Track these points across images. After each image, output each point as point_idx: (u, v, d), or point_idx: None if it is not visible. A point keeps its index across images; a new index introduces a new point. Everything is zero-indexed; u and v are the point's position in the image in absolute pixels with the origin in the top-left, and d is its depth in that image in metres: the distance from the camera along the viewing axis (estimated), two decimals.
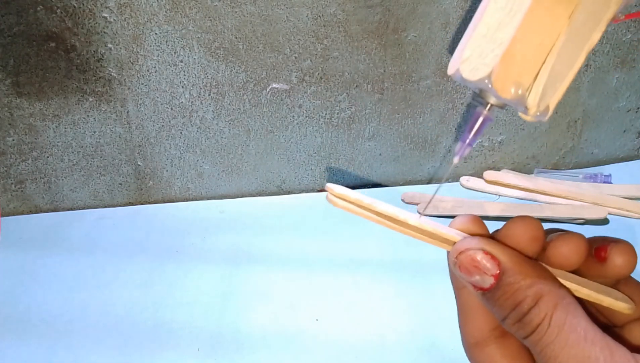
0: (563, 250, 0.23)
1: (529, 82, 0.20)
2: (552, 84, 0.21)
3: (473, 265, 0.23)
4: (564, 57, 0.21)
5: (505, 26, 0.20)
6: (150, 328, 0.42)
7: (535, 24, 0.20)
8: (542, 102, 0.21)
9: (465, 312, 0.25)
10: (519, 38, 0.20)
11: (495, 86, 0.20)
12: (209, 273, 0.47)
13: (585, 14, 0.20)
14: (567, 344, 0.20)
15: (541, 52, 0.20)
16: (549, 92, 0.21)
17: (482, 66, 0.20)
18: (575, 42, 0.21)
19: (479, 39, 0.21)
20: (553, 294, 0.21)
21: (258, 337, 0.41)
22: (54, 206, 0.55)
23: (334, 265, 0.47)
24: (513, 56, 0.20)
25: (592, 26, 0.21)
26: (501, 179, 0.56)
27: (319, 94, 0.52)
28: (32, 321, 0.43)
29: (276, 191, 0.57)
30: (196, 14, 0.47)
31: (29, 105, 0.50)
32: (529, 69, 0.20)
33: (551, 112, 0.22)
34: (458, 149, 0.24)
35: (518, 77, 0.20)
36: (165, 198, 0.57)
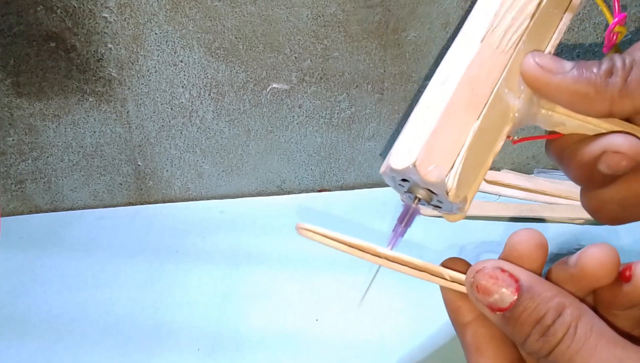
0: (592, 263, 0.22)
1: (447, 168, 0.24)
2: (466, 179, 0.25)
3: (492, 283, 0.22)
4: (475, 155, 0.25)
5: (427, 123, 0.25)
6: (150, 328, 0.42)
7: (450, 123, 0.25)
8: (459, 190, 0.25)
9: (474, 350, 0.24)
10: (437, 133, 0.24)
11: (419, 169, 0.24)
12: (209, 273, 0.47)
13: (488, 122, 0.25)
14: (597, 350, 0.20)
15: (456, 147, 0.25)
16: (464, 185, 0.25)
17: (408, 156, 0.24)
18: (483, 145, 0.26)
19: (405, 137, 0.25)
20: (575, 305, 0.21)
21: (258, 337, 0.41)
22: (54, 206, 0.55)
23: (334, 265, 0.47)
24: (433, 147, 0.24)
25: (495, 135, 0.26)
26: (501, 179, 0.56)
27: (319, 94, 0.52)
28: (32, 321, 0.43)
29: (276, 191, 0.57)
30: (196, 14, 0.47)
31: (29, 105, 0.50)
32: (447, 158, 0.24)
33: (468, 206, 0.26)
34: (390, 239, 0.27)
35: (438, 163, 0.24)
36: (165, 198, 0.57)
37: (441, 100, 0.25)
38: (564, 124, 0.26)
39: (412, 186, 0.26)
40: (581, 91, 0.24)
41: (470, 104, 0.25)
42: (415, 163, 0.24)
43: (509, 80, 0.26)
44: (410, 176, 0.25)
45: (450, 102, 0.25)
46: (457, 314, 0.25)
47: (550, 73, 0.25)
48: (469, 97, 0.25)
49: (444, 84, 0.25)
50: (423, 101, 0.26)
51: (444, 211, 0.27)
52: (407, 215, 0.27)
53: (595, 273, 0.22)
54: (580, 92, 0.24)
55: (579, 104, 0.25)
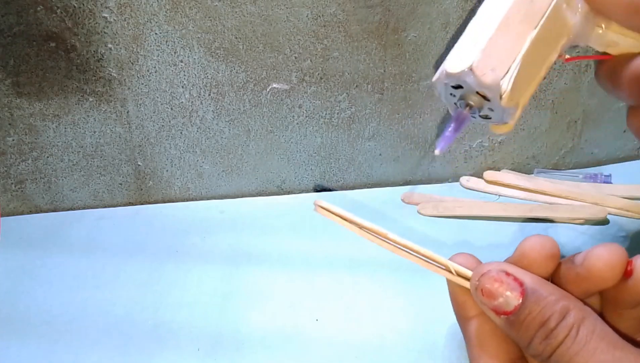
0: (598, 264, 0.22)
1: (503, 72, 0.25)
2: (520, 84, 0.26)
3: (497, 286, 0.22)
4: (530, 64, 0.26)
5: (484, 31, 0.26)
6: (150, 328, 0.42)
7: (507, 33, 0.26)
8: (513, 95, 0.26)
9: (476, 345, 0.24)
10: (494, 40, 0.25)
11: (475, 72, 0.25)
12: (209, 273, 0.47)
13: (545, 34, 0.26)
14: (597, 351, 0.20)
15: (512, 53, 0.26)
16: (518, 90, 0.26)
17: (465, 60, 0.25)
18: (538, 56, 0.26)
19: (462, 45, 0.26)
20: (579, 308, 0.21)
21: (258, 337, 0.41)
22: (54, 206, 0.55)
23: (334, 265, 0.47)
24: (489, 53, 0.25)
25: (550, 47, 0.27)
26: (501, 179, 0.56)
27: (319, 94, 0.52)
28: (32, 321, 0.43)
29: (276, 191, 0.57)
30: (196, 14, 0.47)
31: (29, 105, 0.50)
32: (503, 63, 0.25)
33: (519, 113, 0.27)
34: (439, 142, 0.27)
35: (494, 67, 0.25)
36: (165, 198, 0.57)
37: (499, 10, 0.26)
38: (617, 43, 0.27)
39: (465, 92, 0.26)
40: (636, 4, 0.24)
41: (529, 15, 0.26)
42: (472, 66, 0.25)
43: None
44: (465, 80, 0.26)
45: (508, 12, 0.26)
46: (461, 308, 0.25)
47: None
48: (527, 8, 0.26)
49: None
50: (481, 12, 0.27)
51: (494, 121, 0.27)
52: (458, 120, 0.27)
53: (601, 273, 0.22)
54: (636, 6, 0.24)
55: (636, 19, 0.25)
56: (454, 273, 0.25)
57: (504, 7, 0.26)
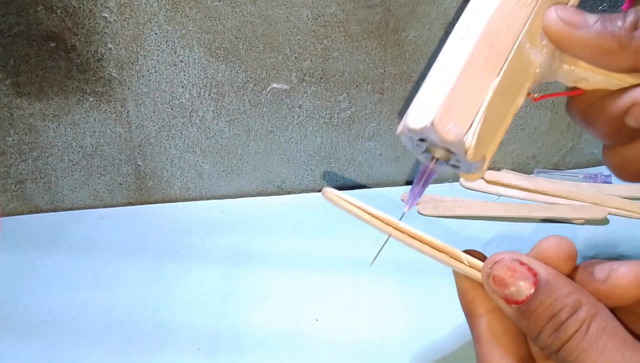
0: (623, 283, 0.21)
1: (466, 127, 0.24)
2: (485, 137, 0.24)
3: (509, 275, 0.22)
4: (494, 113, 0.24)
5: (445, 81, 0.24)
6: (150, 328, 0.42)
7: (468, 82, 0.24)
8: (478, 149, 0.24)
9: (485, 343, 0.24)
10: (455, 91, 0.24)
11: (437, 128, 0.23)
12: (209, 273, 0.47)
13: (509, 79, 0.24)
14: (607, 349, 0.20)
15: (475, 105, 0.24)
16: (483, 144, 0.24)
17: (426, 115, 0.24)
18: (503, 103, 0.25)
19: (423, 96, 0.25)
20: (592, 304, 0.21)
21: (258, 337, 0.41)
22: (54, 206, 0.55)
23: (334, 265, 0.47)
24: (451, 106, 0.24)
25: (515, 92, 0.25)
26: (501, 179, 0.56)
27: (319, 94, 0.52)
28: (32, 321, 0.43)
29: (276, 191, 0.57)
30: (196, 14, 0.47)
31: (29, 105, 0.50)
32: (465, 117, 0.24)
33: (487, 165, 0.25)
34: (408, 199, 0.27)
35: (457, 122, 0.24)
36: (165, 198, 0.57)
37: (460, 57, 0.24)
38: (586, 79, 0.26)
39: (429, 145, 0.25)
40: (605, 46, 0.23)
41: (490, 60, 0.24)
42: (433, 122, 0.24)
43: (531, 34, 0.25)
44: (428, 136, 0.24)
45: (469, 59, 0.24)
46: (470, 305, 0.25)
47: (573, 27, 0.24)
48: (488, 53, 0.24)
49: (463, 40, 0.25)
50: (441, 59, 0.25)
51: (462, 170, 0.26)
52: (424, 175, 0.26)
53: (625, 293, 0.21)
54: (604, 47, 0.23)
55: (603, 59, 0.24)
56: (466, 263, 0.25)
57: (465, 52, 0.24)
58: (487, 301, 0.24)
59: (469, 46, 0.24)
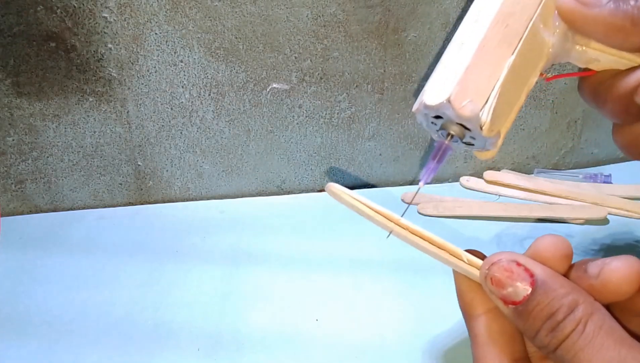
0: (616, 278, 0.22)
1: (481, 103, 0.24)
2: (500, 113, 0.25)
3: (507, 276, 0.22)
4: (509, 90, 0.25)
5: (461, 59, 0.25)
6: (150, 328, 0.42)
7: (483, 60, 0.25)
8: (493, 125, 0.25)
9: (482, 343, 0.24)
10: (471, 69, 0.25)
11: (453, 104, 0.24)
12: (209, 273, 0.47)
13: (523, 58, 0.25)
14: (604, 347, 0.20)
15: (490, 82, 0.25)
16: (498, 119, 0.25)
17: (442, 92, 0.25)
18: (518, 81, 0.26)
19: (439, 75, 0.25)
20: (588, 303, 0.21)
21: (258, 337, 0.41)
22: (54, 206, 0.55)
23: (334, 265, 0.47)
24: (467, 83, 0.24)
25: (529, 71, 0.26)
26: (501, 179, 0.56)
27: (319, 94, 0.52)
28: (32, 321, 0.43)
29: (276, 191, 0.57)
30: (196, 14, 0.47)
31: (29, 105, 0.50)
32: (481, 93, 0.24)
33: (501, 141, 0.26)
34: (422, 174, 0.27)
35: (472, 98, 0.24)
36: (165, 198, 0.57)
37: (475, 37, 0.25)
38: (598, 60, 0.26)
39: (445, 122, 0.26)
40: (617, 24, 0.24)
41: (505, 40, 0.25)
42: (450, 98, 0.24)
43: (544, 15, 0.26)
44: (444, 112, 0.25)
45: (484, 38, 0.25)
46: (468, 306, 0.25)
47: (586, 6, 0.24)
48: (503, 33, 0.25)
49: (478, 21, 0.25)
50: (456, 39, 0.26)
51: (477, 147, 0.27)
52: (439, 151, 0.27)
53: (618, 288, 0.22)
54: (616, 25, 0.24)
55: (615, 38, 0.24)
56: (465, 261, 0.25)
57: (480, 32, 0.25)
58: (484, 302, 0.24)
59: (484, 26, 0.25)
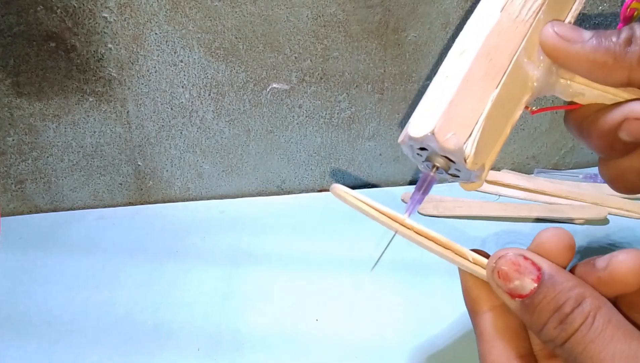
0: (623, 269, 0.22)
1: (465, 136, 0.25)
2: (485, 146, 0.25)
3: (514, 270, 0.23)
4: (493, 124, 0.25)
5: (445, 92, 0.25)
6: (150, 328, 0.42)
7: (468, 93, 0.25)
8: (477, 158, 0.25)
9: (487, 339, 0.24)
10: (455, 102, 0.25)
11: (437, 137, 0.24)
12: (209, 273, 0.47)
13: (507, 91, 0.25)
14: (613, 340, 0.20)
15: (474, 115, 0.25)
16: (482, 153, 0.25)
17: (426, 125, 0.25)
18: (502, 115, 0.26)
19: (424, 107, 0.26)
20: (595, 296, 0.21)
21: (258, 337, 0.41)
22: (54, 206, 0.55)
23: (334, 265, 0.47)
24: (451, 116, 0.25)
25: (513, 104, 0.26)
26: (501, 179, 0.56)
27: (319, 94, 0.52)
28: (32, 321, 0.43)
29: (276, 191, 0.57)
30: (196, 14, 0.47)
31: (29, 105, 0.50)
32: (465, 126, 0.25)
33: (486, 174, 0.26)
34: (408, 206, 0.27)
35: (456, 131, 0.25)
36: (165, 198, 0.57)
37: (460, 70, 0.25)
38: (583, 94, 0.27)
39: (430, 154, 0.26)
40: (600, 60, 0.24)
41: (489, 73, 0.25)
42: (434, 131, 0.25)
43: (528, 50, 0.26)
44: (429, 144, 0.25)
45: (468, 71, 0.25)
46: (474, 302, 0.25)
47: (569, 42, 0.25)
48: (487, 66, 0.25)
49: (463, 54, 0.26)
50: (441, 71, 0.26)
51: (462, 179, 0.27)
52: (424, 183, 0.27)
53: (625, 279, 0.22)
54: (599, 61, 0.24)
55: (598, 73, 0.25)
56: (471, 260, 0.25)
57: (464, 65, 0.25)
58: (490, 299, 0.25)
59: (468, 59, 0.25)
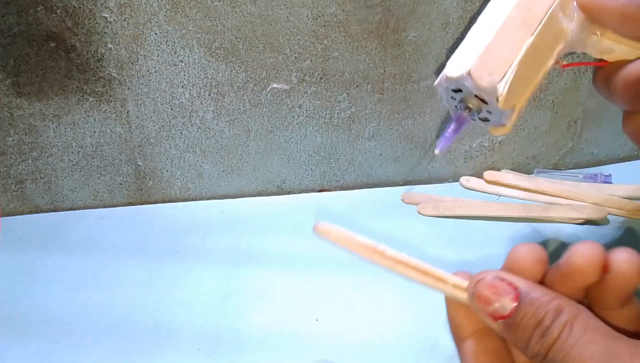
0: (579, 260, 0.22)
1: (500, 77, 0.26)
2: (517, 88, 0.27)
3: (492, 292, 0.23)
4: (526, 69, 0.27)
5: (483, 37, 0.27)
6: (150, 328, 0.42)
7: (505, 38, 0.27)
8: (509, 98, 0.26)
9: None
10: (492, 46, 0.27)
11: (473, 75, 0.26)
12: (209, 273, 0.47)
13: (541, 40, 0.27)
14: (592, 342, 0.21)
15: (509, 59, 0.27)
16: (514, 94, 0.27)
17: (463, 66, 0.27)
18: (535, 62, 0.27)
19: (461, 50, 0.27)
20: (572, 306, 0.22)
21: (258, 337, 0.41)
22: (54, 206, 0.55)
23: (334, 265, 0.47)
24: (487, 58, 0.26)
25: (547, 53, 0.28)
26: (501, 179, 0.56)
27: (319, 94, 0.52)
28: (32, 321, 0.43)
29: (276, 191, 0.57)
30: (196, 14, 0.47)
31: (29, 105, 0.50)
32: (500, 68, 0.26)
33: (516, 116, 0.28)
34: (439, 142, 0.28)
35: (491, 72, 0.26)
36: (165, 198, 0.57)
37: (498, 17, 0.27)
38: (612, 50, 0.28)
39: (464, 96, 0.28)
40: (631, 13, 0.26)
41: (526, 22, 0.27)
42: (470, 71, 0.26)
43: (564, 4, 0.27)
44: (464, 84, 0.27)
45: (506, 19, 0.27)
46: (457, 329, 0.26)
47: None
48: (524, 15, 0.27)
49: (502, 3, 0.27)
50: (480, 20, 0.28)
51: (492, 123, 0.29)
52: (457, 122, 0.28)
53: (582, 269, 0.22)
54: (630, 15, 0.26)
55: (629, 27, 0.26)
56: (451, 285, 0.25)
57: (502, 14, 0.27)
58: (471, 324, 0.25)
59: (507, 7, 0.27)
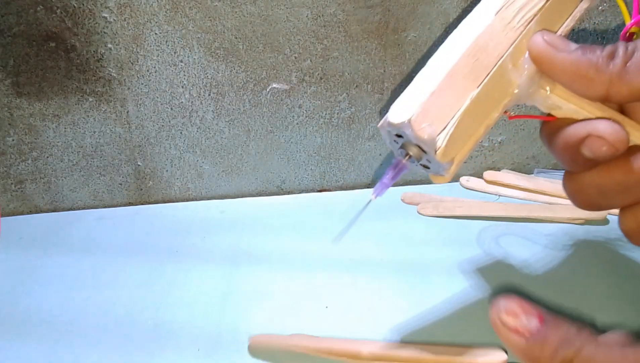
0: None
1: (440, 128, 0.26)
2: (457, 141, 0.26)
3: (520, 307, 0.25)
4: (469, 121, 0.26)
5: (428, 84, 0.26)
6: (150, 328, 0.42)
7: (449, 88, 0.26)
8: (447, 151, 0.26)
9: None
10: (436, 94, 0.26)
11: (413, 125, 0.25)
12: (209, 273, 0.47)
13: (487, 93, 0.26)
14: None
15: (451, 110, 0.26)
16: (453, 147, 0.26)
17: (405, 112, 0.26)
18: (478, 114, 0.27)
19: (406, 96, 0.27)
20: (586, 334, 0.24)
21: None
22: (54, 206, 0.55)
23: (334, 265, 0.47)
24: (429, 107, 0.26)
25: (492, 106, 0.27)
26: (501, 179, 0.56)
27: (319, 94, 0.52)
28: (32, 321, 0.43)
29: (276, 191, 0.57)
30: (196, 14, 0.47)
31: (29, 105, 0.50)
32: (441, 119, 0.26)
33: (454, 169, 0.27)
34: (376, 188, 0.29)
35: (432, 122, 0.26)
36: (165, 198, 0.57)
37: (445, 64, 0.26)
38: (560, 107, 0.27)
39: (405, 142, 0.27)
40: (582, 70, 0.25)
41: (473, 72, 0.26)
42: (411, 119, 0.26)
43: (515, 56, 0.27)
44: (405, 132, 0.26)
45: (454, 67, 0.26)
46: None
47: (555, 49, 0.26)
48: (472, 65, 0.26)
49: (452, 50, 0.27)
50: (429, 64, 0.27)
51: (432, 171, 0.28)
52: (396, 169, 0.29)
53: None
54: (581, 71, 0.25)
55: (579, 84, 0.26)
56: None
57: (451, 61, 0.26)
58: None
59: (456, 55, 0.26)
